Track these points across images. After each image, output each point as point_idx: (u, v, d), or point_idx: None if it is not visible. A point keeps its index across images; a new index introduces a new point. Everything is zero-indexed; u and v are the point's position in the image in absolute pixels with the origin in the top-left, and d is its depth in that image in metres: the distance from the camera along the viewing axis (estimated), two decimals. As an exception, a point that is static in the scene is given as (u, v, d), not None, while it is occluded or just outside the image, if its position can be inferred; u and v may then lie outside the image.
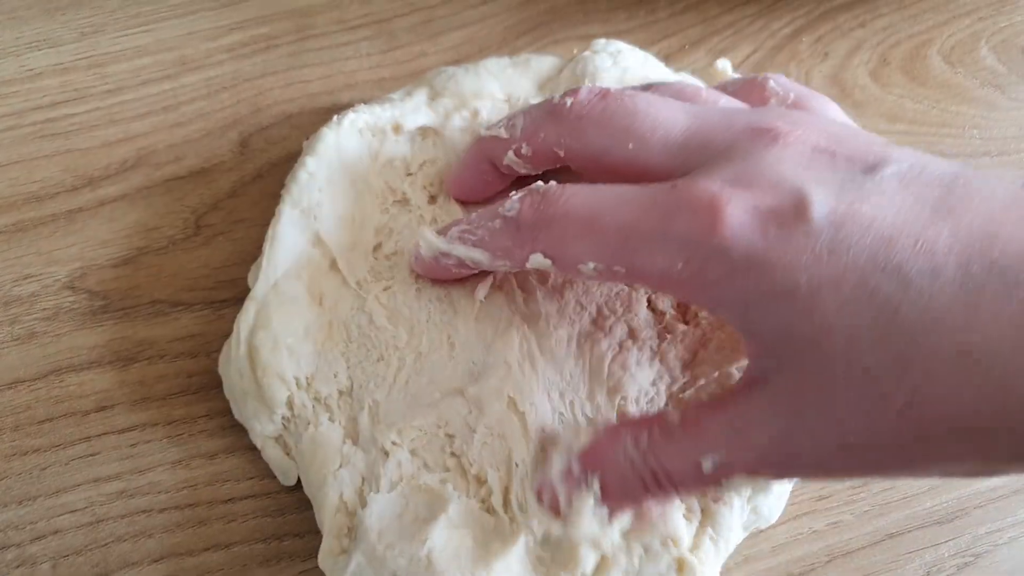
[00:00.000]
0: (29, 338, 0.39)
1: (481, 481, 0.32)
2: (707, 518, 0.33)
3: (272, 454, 0.35)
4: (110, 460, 0.37)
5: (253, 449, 0.37)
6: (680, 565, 0.31)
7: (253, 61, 0.47)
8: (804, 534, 0.37)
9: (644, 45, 0.49)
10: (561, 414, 0.34)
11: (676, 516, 0.32)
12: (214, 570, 0.35)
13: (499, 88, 0.40)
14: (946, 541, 0.37)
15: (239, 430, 0.37)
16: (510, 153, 0.34)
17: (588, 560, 0.31)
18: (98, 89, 0.46)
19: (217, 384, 0.38)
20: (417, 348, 0.35)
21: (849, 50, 0.50)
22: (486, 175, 0.36)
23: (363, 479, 0.33)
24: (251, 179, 0.44)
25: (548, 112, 0.33)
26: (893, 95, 0.48)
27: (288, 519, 0.36)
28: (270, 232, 0.37)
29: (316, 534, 0.35)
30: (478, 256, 0.32)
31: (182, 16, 0.49)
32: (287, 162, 0.44)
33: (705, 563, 0.32)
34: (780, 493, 0.34)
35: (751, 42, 0.50)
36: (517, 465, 0.32)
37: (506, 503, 0.32)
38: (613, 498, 0.29)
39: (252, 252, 0.41)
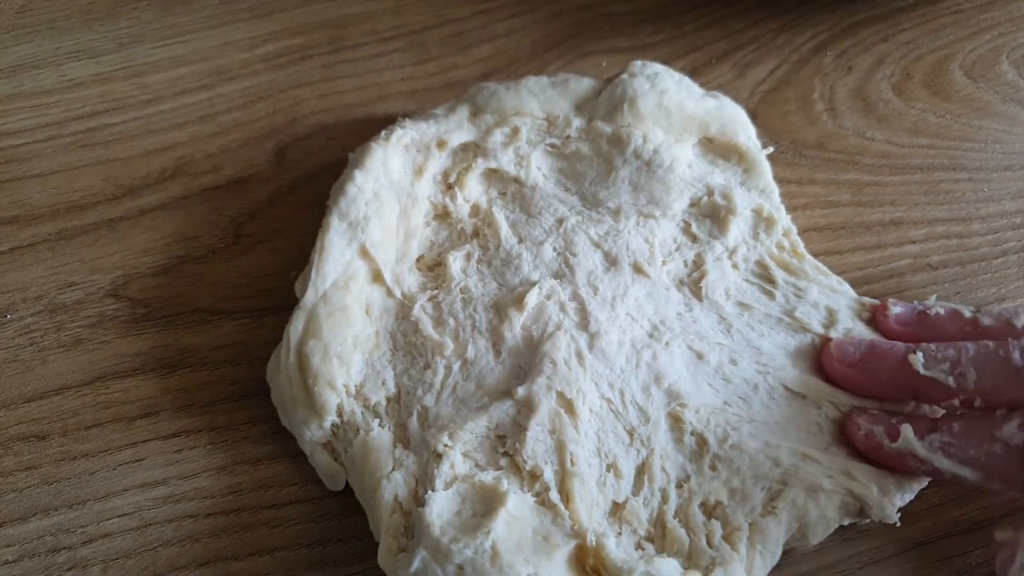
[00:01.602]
0: (75, 345, 0.40)
1: (536, 476, 0.33)
2: (756, 533, 0.33)
3: (320, 460, 0.36)
4: (156, 466, 0.38)
5: (296, 455, 0.38)
6: None
7: (288, 72, 0.48)
8: (835, 542, 0.37)
9: (670, 59, 0.50)
10: (609, 400, 0.35)
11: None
12: (259, 574, 0.36)
13: (538, 107, 0.41)
14: (974, 549, 0.37)
15: (282, 436, 0.38)
16: (954, 401, 0.34)
17: None
18: (136, 99, 0.47)
19: (259, 391, 0.39)
20: (463, 355, 0.36)
21: (872, 64, 0.51)
22: (890, 389, 0.36)
23: (417, 481, 0.34)
24: (288, 189, 0.45)
25: (1011, 374, 0.32)
26: (916, 109, 0.49)
27: (332, 524, 0.37)
28: (318, 243, 0.37)
29: (360, 539, 0.36)
30: (967, 475, 0.32)
31: (217, 27, 0.50)
32: (324, 172, 0.45)
33: None
34: (829, 523, 0.35)
35: (776, 56, 0.51)
36: (572, 454, 0.33)
37: (563, 495, 0.33)
38: None
39: (291, 261, 0.42)
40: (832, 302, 0.39)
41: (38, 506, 0.37)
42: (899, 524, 0.35)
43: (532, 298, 0.37)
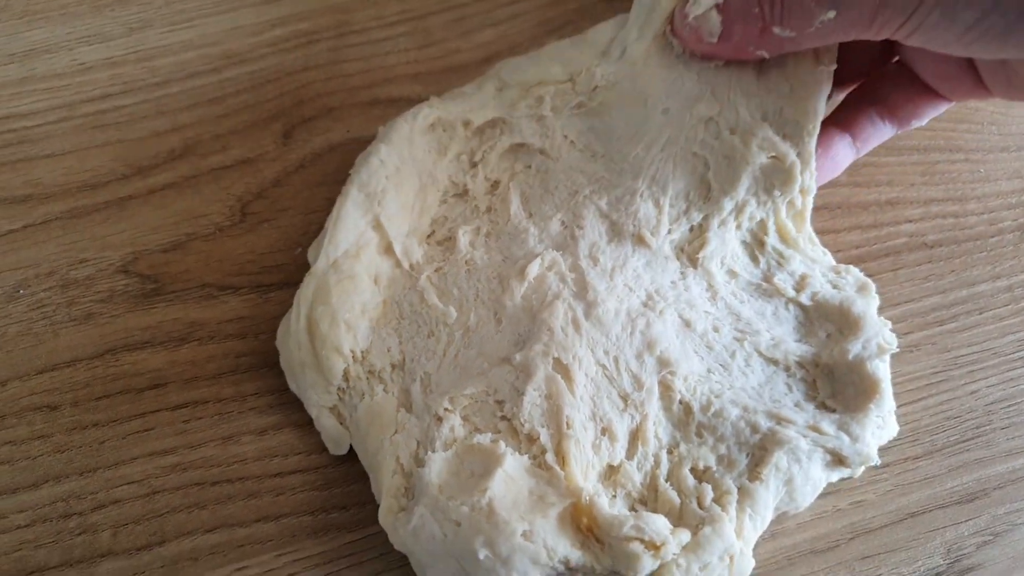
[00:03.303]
0: (86, 319, 0.41)
1: (532, 439, 0.34)
2: (745, 497, 0.34)
3: (326, 423, 0.37)
4: (164, 435, 0.38)
5: (301, 425, 0.39)
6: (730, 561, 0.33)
7: (295, 56, 0.49)
8: (828, 512, 0.38)
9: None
10: (604, 367, 0.36)
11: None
12: (264, 540, 0.37)
13: (560, 70, 0.41)
14: (967, 520, 0.38)
15: (287, 408, 0.39)
16: None
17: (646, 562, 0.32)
18: (146, 82, 0.48)
19: (265, 364, 0.40)
20: (465, 324, 0.37)
21: (871, 49, 0.51)
22: None
23: (418, 443, 0.34)
24: (294, 169, 0.46)
25: None
26: (913, 92, 0.50)
27: (335, 492, 0.38)
28: (335, 212, 0.38)
29: (362, 506, 0.37)
30: None
31: (226, 12, 0.50)
32: (329, 153, 0.46)
33: (748, 542, 0.34)
34: (816, 483, 0.36)
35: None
36: (568, 418, 0.34)
37: (559, 457, 0.33)
38: (731, 11, 0.33)
39: (296, 239, 0.43)
40: (808, 270, 0.39)
41: (50, 473, 0.37)
42: (879, 464, 0.36)
43: (533, 269, 0.37)
